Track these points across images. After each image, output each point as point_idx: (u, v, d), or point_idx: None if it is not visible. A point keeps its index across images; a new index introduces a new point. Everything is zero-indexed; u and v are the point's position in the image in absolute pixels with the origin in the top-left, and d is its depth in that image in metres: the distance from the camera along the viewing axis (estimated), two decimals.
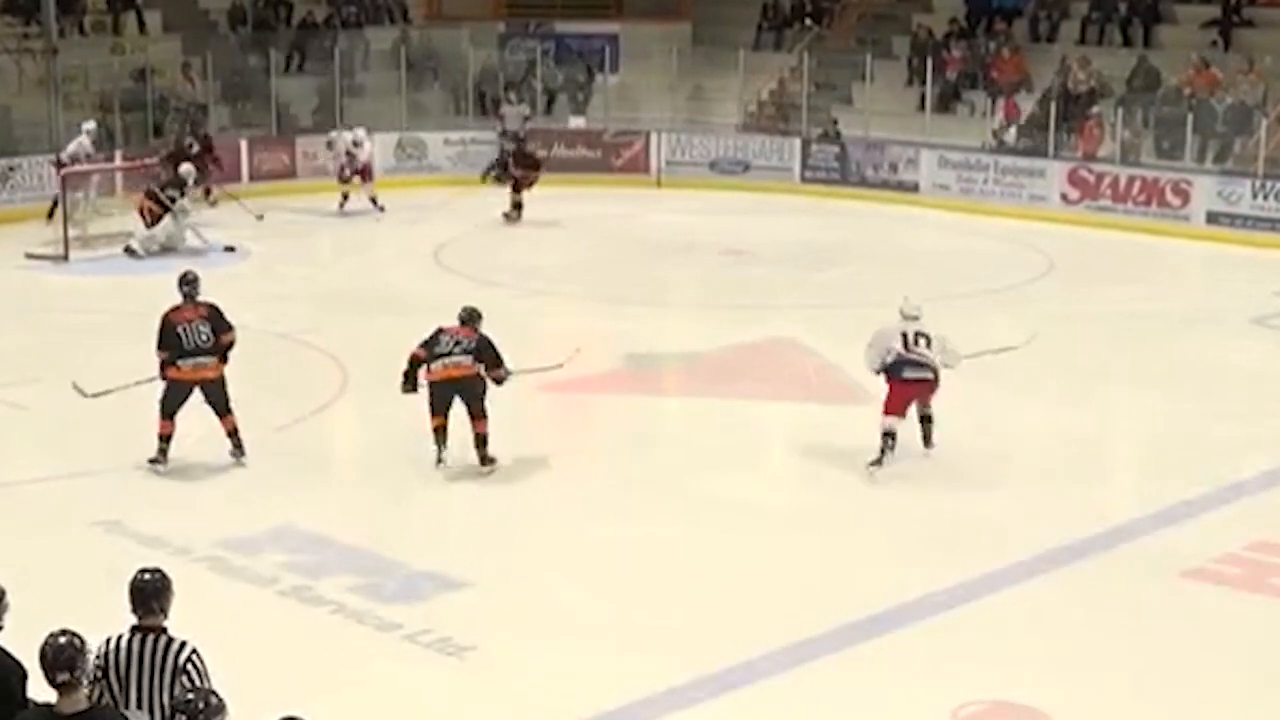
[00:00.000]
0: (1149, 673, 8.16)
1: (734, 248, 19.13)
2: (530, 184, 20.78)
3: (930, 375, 11.33)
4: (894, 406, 11.29)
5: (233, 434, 11.25)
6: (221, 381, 11.11)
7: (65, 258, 18.29)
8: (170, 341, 11.00)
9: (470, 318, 11.53)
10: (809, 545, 9.84)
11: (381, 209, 21.07)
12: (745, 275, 17.73)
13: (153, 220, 18.53)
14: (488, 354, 11.33)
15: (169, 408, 11.10)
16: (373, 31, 26.71)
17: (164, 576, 5.66)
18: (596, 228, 21.03)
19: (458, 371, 11.31)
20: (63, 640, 5.10)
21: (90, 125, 20.51)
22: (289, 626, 8.62)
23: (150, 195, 18.79)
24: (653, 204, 22.82)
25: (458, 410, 11.26)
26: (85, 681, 5.19)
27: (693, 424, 12.71)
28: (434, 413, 11.40)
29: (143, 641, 5.54)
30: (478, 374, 11.31)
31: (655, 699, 7.73)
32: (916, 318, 11.51)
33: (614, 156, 24.70)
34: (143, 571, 5.68)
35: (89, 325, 15.55)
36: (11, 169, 20.93)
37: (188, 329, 11.01)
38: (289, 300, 16.54)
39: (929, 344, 11.34)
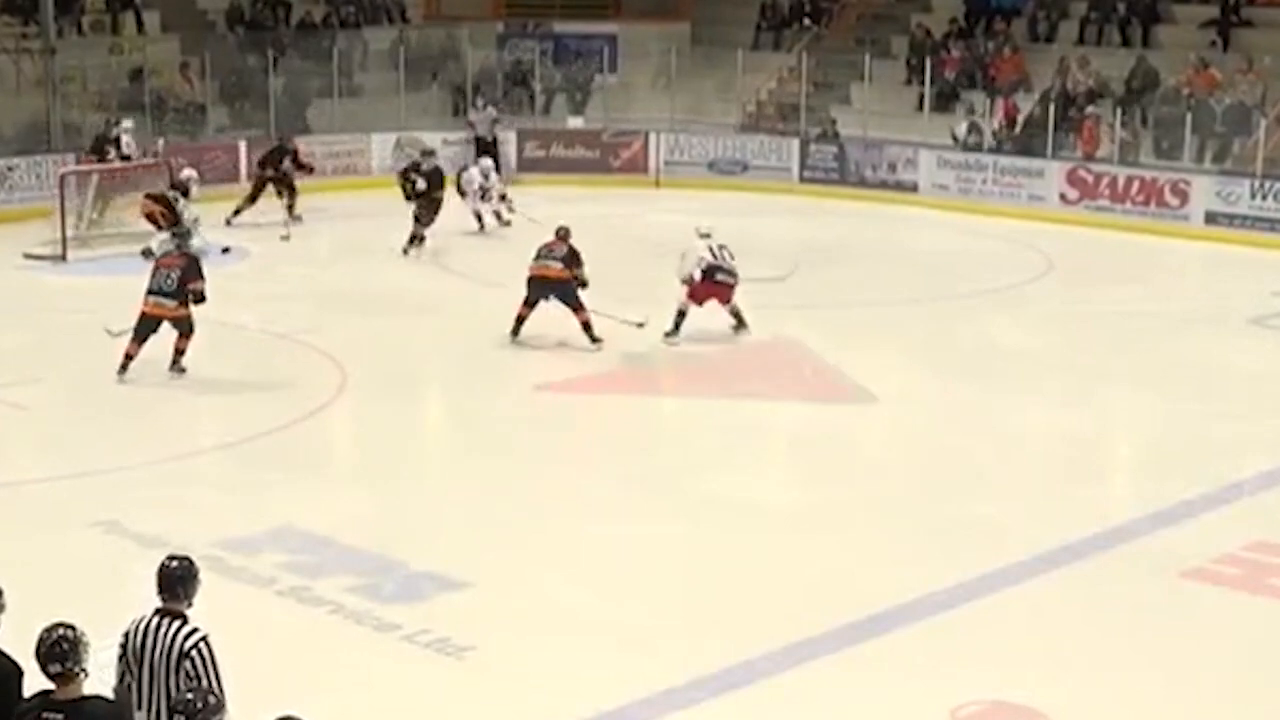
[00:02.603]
0: (1148, 673, 8.16)
1: (732, 248, 19.08)
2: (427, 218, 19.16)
3: (734, 279, 14.64)
4: (699, 298, 14.64)
5: (179, 352, 13.24)
6: (184, 318, 13.14)
7: (63, 258, 18.29)
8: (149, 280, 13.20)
9: (563, 232, 14.76)
10: (809, 545, 9.84)
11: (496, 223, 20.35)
12: (744, 275, 17.70)
13: (167, 225, 18.49)
14: (573, 260, 14.44)
15: (138, 334, 13.14)
16: (371, 31, 26.71)
17: (191, 564, 5.90)
18: (595, 228, 20.89)
19: (549, 272, 14.44)
20: (57, 634, 5.24)
21: (129, 124, 20.59)
22: (287, 627, 8.61)
23: (157, 199, 18.73)
24: (651, 204, 22.81)
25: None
26: (82, 673, 5.26)
27: (692, 424, 12.70)
28: (525, 302, 14.55)
29: (159, 624, 5.74)
30: (568, 277, 14.33)
31: (655, 699, 7.72)
32: (710, 235, 14.80)
33: (612, 156, 24.70)
34: (170, 558, 5.93)
35: (88, 325, 15.51)
36: (10, 169, 20.93)
37: (160, 272, 13.20)
38: (288, 300, 16.53)
39: (729, 253, 14.69)
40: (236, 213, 20.54)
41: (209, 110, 23.73)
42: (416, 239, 18.82)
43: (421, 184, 18.83)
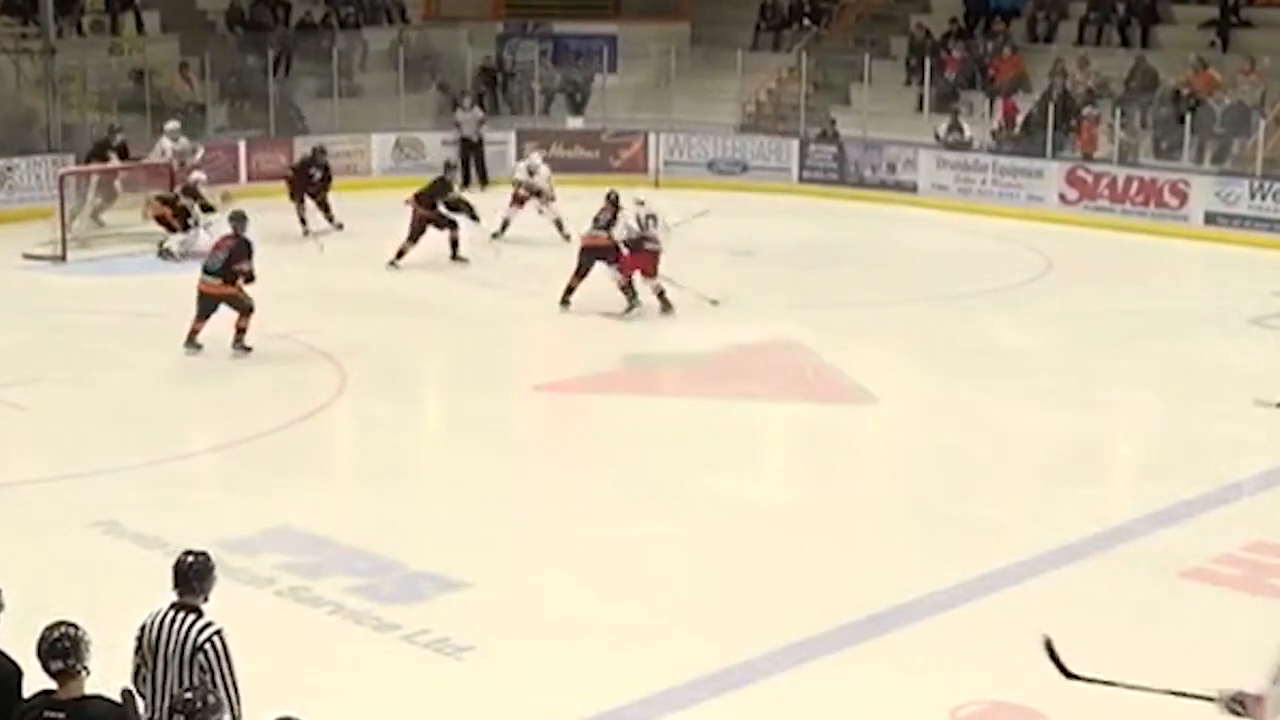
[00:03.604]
0: (1148, 673, 8.12)
1: (732, 248, 19.12)
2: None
3: (660, 247, 15.65)
4: (628, 269, 15.62)
5: (240, 331, 13.93)
6: (232, 296, 13.82)
7: (63, 258, 18.30)
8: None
9: (613, 196, 15.95)
10: (809, 545, 9.83)
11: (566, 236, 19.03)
12: (744, 275, 17.74)
13: (183, 226, 18.63)
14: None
15: (199, 311, 13.89)
16: (370, 32, 26.70)
17: (207, 560, 6.00)
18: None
19: (594, 241, 15.67)
20: (58, 632, 5.28)
21: (173, 125, 20.75)
22: (287, 627, 8.60)
23: (167, 202, 18.81)
24: (651, 204, 22.76)
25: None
26: (84, 672, 5.29)
27: (692, 424, 12.69)
28: (575, 272, 15.63)
29: (174, 617, 5.84)
30: (611, 243, 15.56)
31: (655, 699, 7.72)
32: (644, 203, 15.90)
33: (612, 157, 24.68)
34: (188, 553, 6.00)
35: (87, 325, 15.55)
36: (9, 169, 20.93)
37: (213, 252, 14.09)
38: (288, 300, 16.49)
39: (655, 223, 15.68)
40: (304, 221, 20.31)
41: (209, 110, 23.71)
42: (457, 243, 18.29)
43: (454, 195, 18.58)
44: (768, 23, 27.23)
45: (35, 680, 5.46)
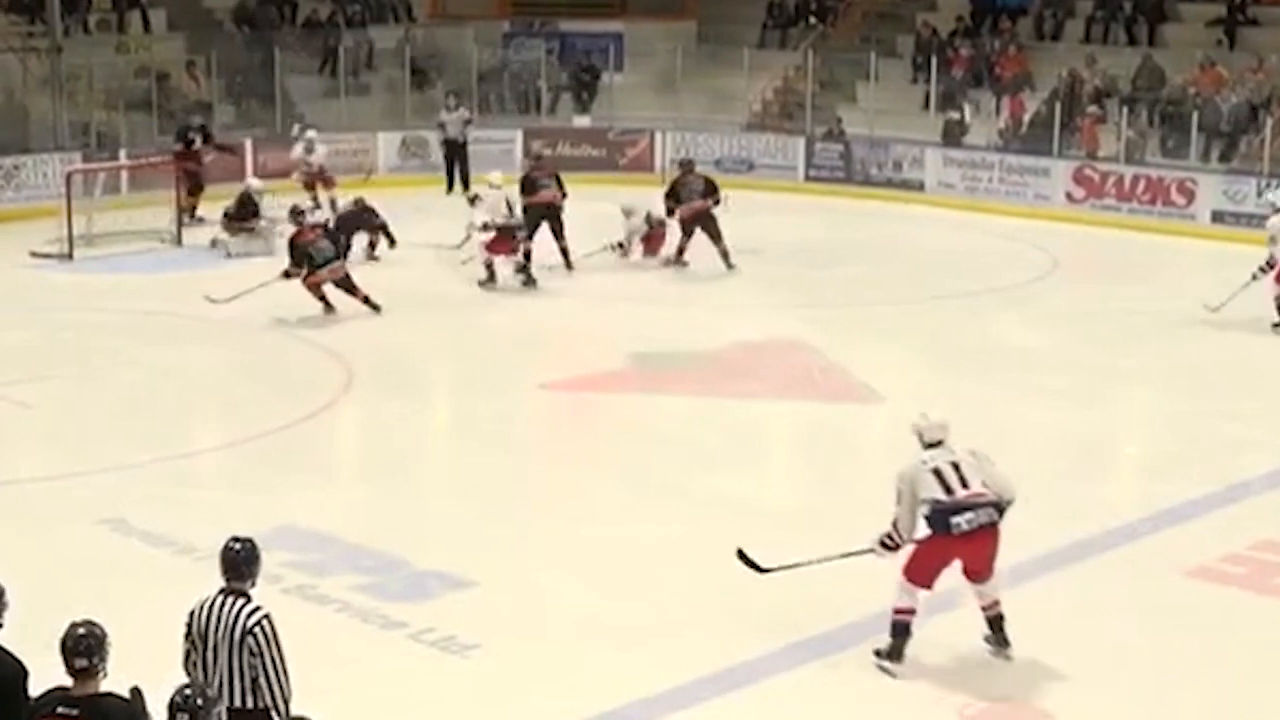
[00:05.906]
0: (1153, 672, 8.16)
1: (738, 246, 19.10)
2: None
3: (509, 230, 16.76)
4: (493, 251, 16.85)
5: (365, 300, 15.32)
6: (345, 275, 15.37)
7: (70, 256, 18.33)
8: (302, 257, 15.23)
9: (688, 165, 18.56)
10: (813, 545, 9.79)
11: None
12: (750, 274, 17.74)
13: (251, 235, 18.82)
14: (712, 187, 17.99)
15: (351, 294, 15.33)
16: (377, 30, 26.72)
17: (253, 546, 6.14)
18: (601, 225, 20.97)
19: (699, 206, 17.81)
20: (82, 631, 5.34)
21: (313, 133, 21.13)
22: (293, 625, 8.45)
23: (235, 217, 19.03)
24: (657, 203, 22.76)
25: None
26: (103, 671, 5.34)
27: (695, 423, 12.69)
28: (685, 235, 18.01)
29: (223, 602, 6.01)
30: (710, 208, 17.81)
31: (656, 698, 7.74)
32: (500, 187, 17.13)
33: (618, 155, 24.69)
34: (234, 540, 6.14)
35: (94, 323, 15.58)
36: (16, 168, 20.98)
37: (313, 247, 15.18)
38: (296, 298, 16.52)
39: (509, 206, 16.85)
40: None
41: (215, 109, 23.74)
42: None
43: None
44: (774, 21, 27.21)
45: (39, 679, 5.47)
